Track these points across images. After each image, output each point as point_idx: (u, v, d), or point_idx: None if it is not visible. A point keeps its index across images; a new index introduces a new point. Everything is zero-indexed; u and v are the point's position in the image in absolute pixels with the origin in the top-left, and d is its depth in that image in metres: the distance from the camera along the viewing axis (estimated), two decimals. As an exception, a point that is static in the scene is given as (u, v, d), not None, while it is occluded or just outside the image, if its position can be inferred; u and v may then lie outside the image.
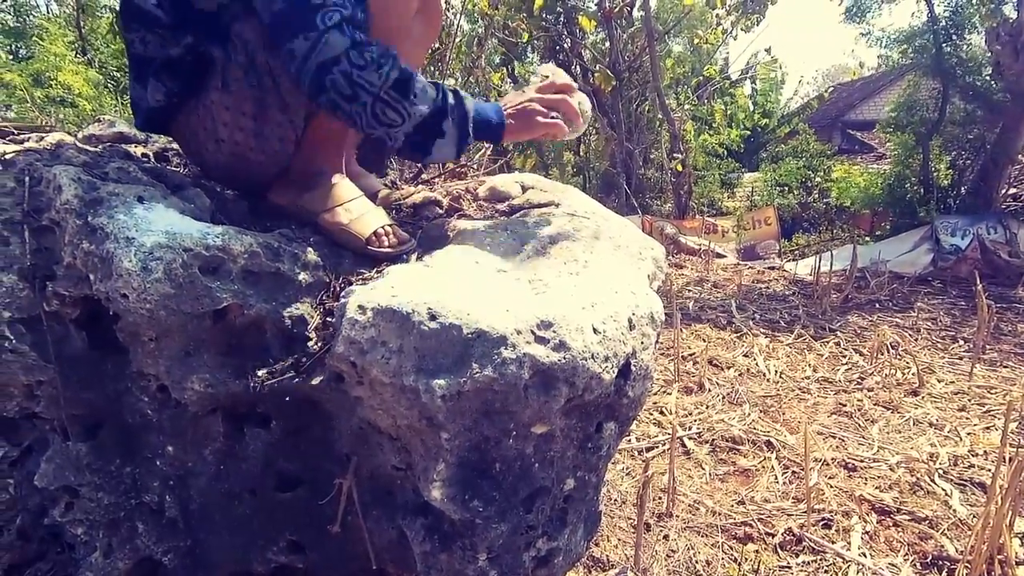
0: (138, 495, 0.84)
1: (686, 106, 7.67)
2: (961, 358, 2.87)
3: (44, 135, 0.90)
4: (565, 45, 7.50)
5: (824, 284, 4.01)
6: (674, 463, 1.78)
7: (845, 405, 2.40)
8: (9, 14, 8.09)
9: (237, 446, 0.85)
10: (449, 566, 0.75)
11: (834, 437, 2.20)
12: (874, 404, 2.39)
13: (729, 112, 10.56)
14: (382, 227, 0.94)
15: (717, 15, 6.96)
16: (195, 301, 0.76)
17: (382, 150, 1.34)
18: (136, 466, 0.83)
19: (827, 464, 1.93)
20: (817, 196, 8.92)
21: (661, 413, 2.51)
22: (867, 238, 6.46)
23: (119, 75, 6.49)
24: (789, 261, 6.01)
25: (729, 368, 2.84)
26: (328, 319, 0.87)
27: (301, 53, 0.80)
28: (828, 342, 3.13)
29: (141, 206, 0.79)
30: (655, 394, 2.71)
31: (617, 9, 6.34)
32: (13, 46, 6.55)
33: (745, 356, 2.98)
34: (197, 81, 0.86)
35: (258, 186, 0.96)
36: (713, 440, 2.25)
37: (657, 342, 0.81)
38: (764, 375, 2.75)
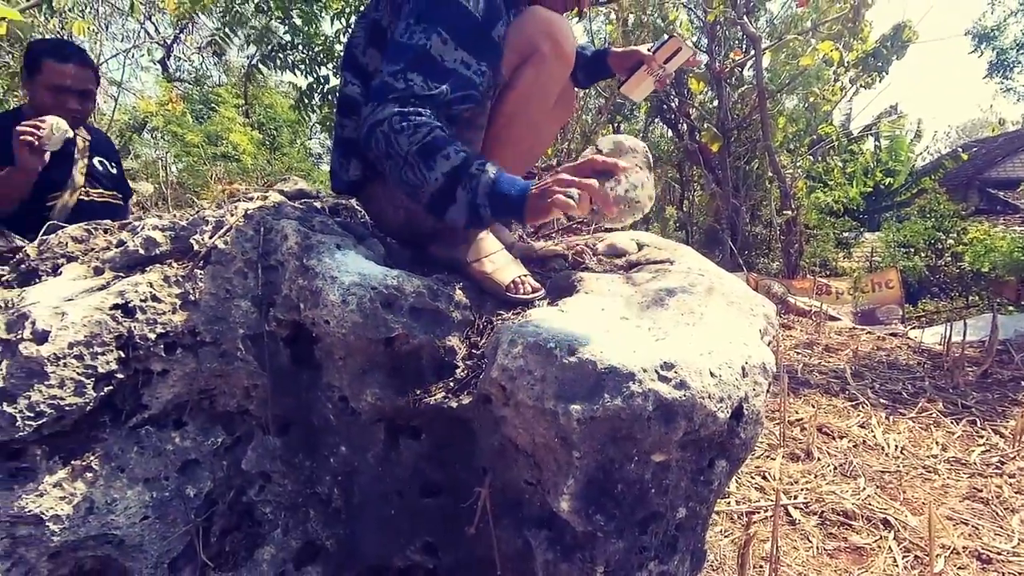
0: (313, 486, 1.02)
1: (799, 163, 7.46)
2: (1126, 447, 2.52)
3: (267, 195, 1.16)
4: (672, 104, 7.65)
5: (957, 356, 3.67)
6: (778, 531, 1.74)
7: (980, 490, 2.19)
8: (191, 84, 9.68)
9: (393, 453, 1.02)
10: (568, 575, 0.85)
11: (966, 524, 2.02)
12: (1015, 492, 2.17)
13: (849, 170, 10.07)
14: (519, 277, 1.10)
15: (835, 72, 6.81)
16: (375, 329, 0.95)
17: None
18: (314, 461, 1.02)
19: (956, 553, 1.78)
20: (950, 259, 8.17)
21: (764, 478, 2.42)
22: (1011, 307, 5.81)
23: (275, 134, 7.61)
24: (914, 328, 5.53)
25: (842, 438, 2.69)
26: (473, 351, 1.03)
27: (364, 115, 0.98)
28: (961, 419, 2.87)
29: (340, 252, 1.01)
30: (758, 457, 2.62)
31: (728, 70, 6.42)
32: (193, 110, 7.83)
33: (861, 427, 2.81)
34: None
35: (421, 240, 1.17)
36: (822, 512, 2.14)
37: (768, 392, 0.88)
38: (882, 449, 2.58)
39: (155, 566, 0.90)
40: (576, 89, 1.46)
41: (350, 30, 3.80)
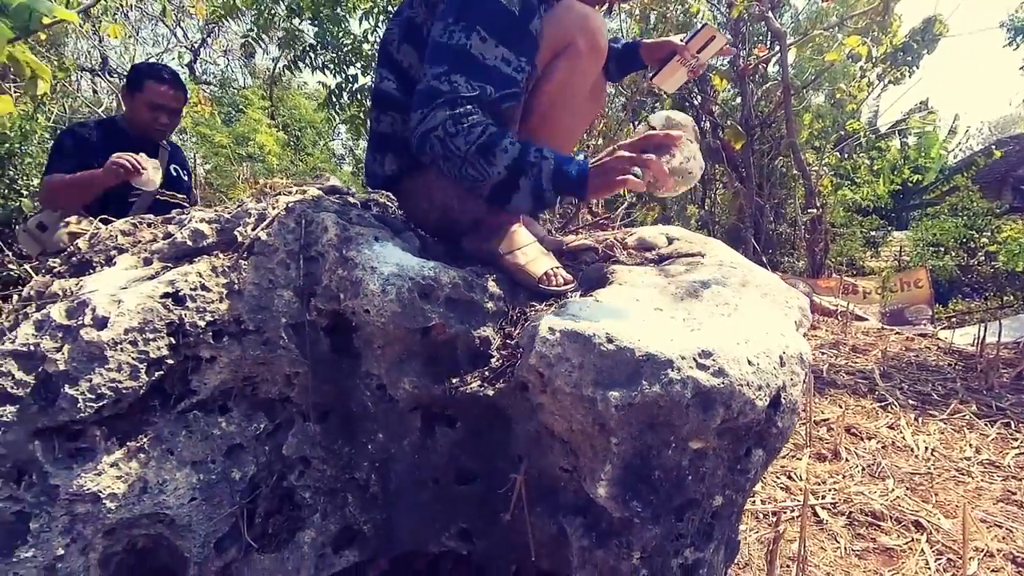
0: (351, 472, 1.05)
1: (825, 160, 7.35)
2: None
3: (306, 188, 1.19)
4: (695, 102, 7.59)
5: (991, 357, 3.59)
6: (806, 530, 1.73)
7: (1015, 493, 2.14)
8: (216, 87, 9.88)
9: (429, 440, 1.04)
10: (604, 562, 0.86)
11: (1000, 527, 1.97)
12: (1053, 496, 2.12)
13: (877, 167, 9.86)
14: (551, 269, 1.12)
15: (861, 67, 6.69)
16: (413, 319, 0.97)
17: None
18: (352, 447, 1.05)
19: (990, 555, 1.75)
20: (983, 259, 7.96)
21: (789, 478, 2.40)
22: (1047, 309, 5.64)
23: (299, 135, 7.75)
24: (944, 328, 5.40)
25: (870, 439, 2.65)
26: (507, 341, 1.04)
27: (414, 122, 1.02)
28: (995, 422, 2.80)
29: (378, 244, 1.03)
30: (783, 457, 2.59)
31: (752, 66, 6.34)
32: (220, 112, 8.00)
33: (890, 428, 2.76)
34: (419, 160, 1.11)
35: (455, 234, 1.19)
36: (850, 513, 2.12)
37: (804, 383, 0.88)
38: (912, 450, 2.53)
39: (203, 545, 0.94)
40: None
41: (380, 28, 3.86)
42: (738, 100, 7.46)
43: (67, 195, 2.01)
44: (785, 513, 1.98)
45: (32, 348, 0.82)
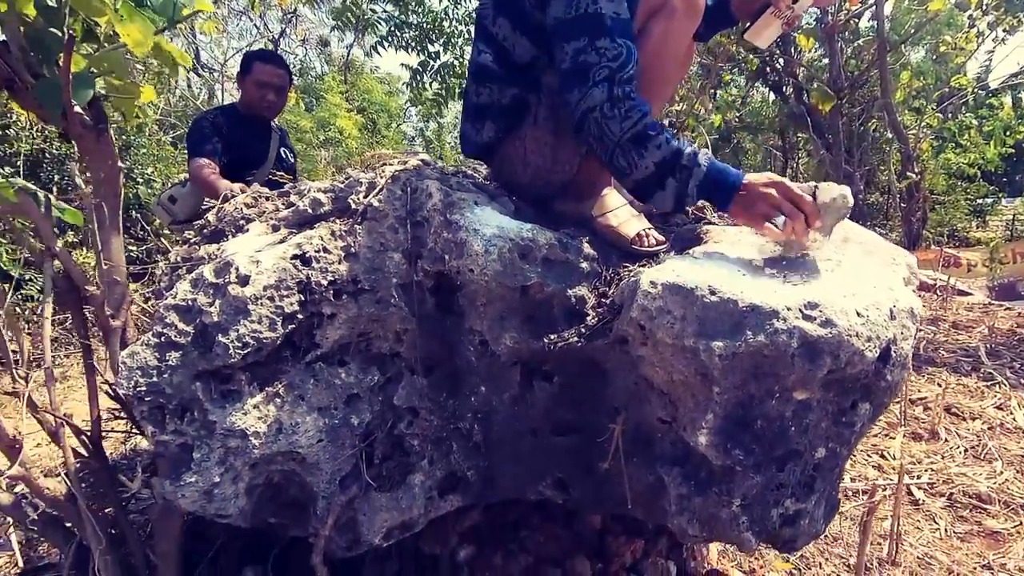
0: (455, 422, 1.13)
1: (924, 122, 6.75)
2: None
3: (407, 159, 1.27)
4: (777, 65, 7.16)
5: (1122, 333, 3.24)
6: (900, 508, 1.67)
7: None
8: (298, 76, 10.34)
9: (527, 394, 1.10)
10: (703, 508, 0.89)
11: (1122, 514, 1.82)
12: None
13: (987, 128, 8.95)
14: (643, 230, 1.14)
15: (970, 16, 6.05)
16: (513, 277, 1.03)
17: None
18: (456, 399, 1.13)
19: (1110, 541, 1.63)
20: (1114, 227, 7.09)
21: (882, 456, 2.31)
22: None
23: (374, 119, 8.05)
24: (1066, 303, 4.89)
25: (974, 419, 2.49)
26: (602, 300, 1.08)
27: (573, 102, 1.03)
28: (1124, 403, 2.56)
29: (478, 208, 1.09)
30: (875, 435, 2.49)
31: (843, 22, 5.89)
32: (303, 99, 8.41)
33: (998, 408, 2.58)
34: (516, 121, 1.15)
35: (547, 197, 1.23)
36: (950, 494, 2.02)
37: (915, 338, 0.86)
38: (1023, 432, 2.36)
39: (329, 482, 1.05)
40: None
41: (461, 5, 3.91)
42: (825, 60, 6.96)
43: (204, 189, 2.26)
44: (878, 492, 1.92)
45: (190, 302, 0.95)
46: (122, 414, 1.33)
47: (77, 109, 0.91)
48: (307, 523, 1.08)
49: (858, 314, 0.78)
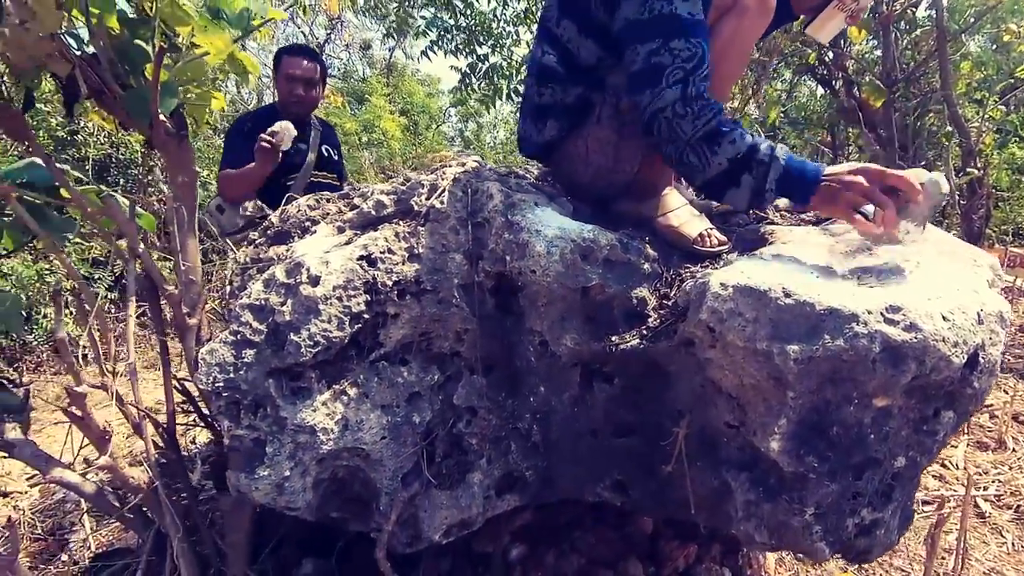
0: (514, 422, 1.14)
1: (987, 115, 6.40)
2: None
3: (464, 160, 1.28)
4: (826, 58, 6.91)
5: None
6: (966, 521, 1.60)
7: None
8: (340, 79, 10.57)
9: (587, 395, 1.10)
10: (772, 516, 0.87)
11: None
12: None
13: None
14: (705, 230, 1.12)
15: (1037, 3, 5.70)
16: (575, 278, 1.03)
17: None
18: (515, 399, 1.13)
19: None
20: None
21: (944, 466, 2.21)
22: None
23: (416, 120, 8.17)
24: None
25: (1044, 429, 2.36)
26: (664, 302, 1.07)
27: (644, 103, 1.02)
28: None
29: (539, 208, 1.09)
30: (938, 444, 2.38)
31: (897, 12, 5.65)
32: (348, 103, 8.61)
33: (1068, 418, 2.43)
34: (579, 120, 1.15)
35: (607, 198, 1.23)
36: (1018, 507, 1.92)
37: (1003, 343, 0.82)
38: (1100, 444, 2.22)
39: (391, 479, 1.07)
40: None
41: (510, 6, 3.91)
42: (877, 53, 6.67)
43: (234, 188, 2.22)
44: (936, 504, 1.84)
45: (263, 302, 0.98)
46: (188, 408, 1.38)
47: (161, 117, 0.95)
48: (369, 519, 1.10)
49: (944, 318, 0.75)
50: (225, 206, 2.28)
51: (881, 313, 0.75)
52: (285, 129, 2.12)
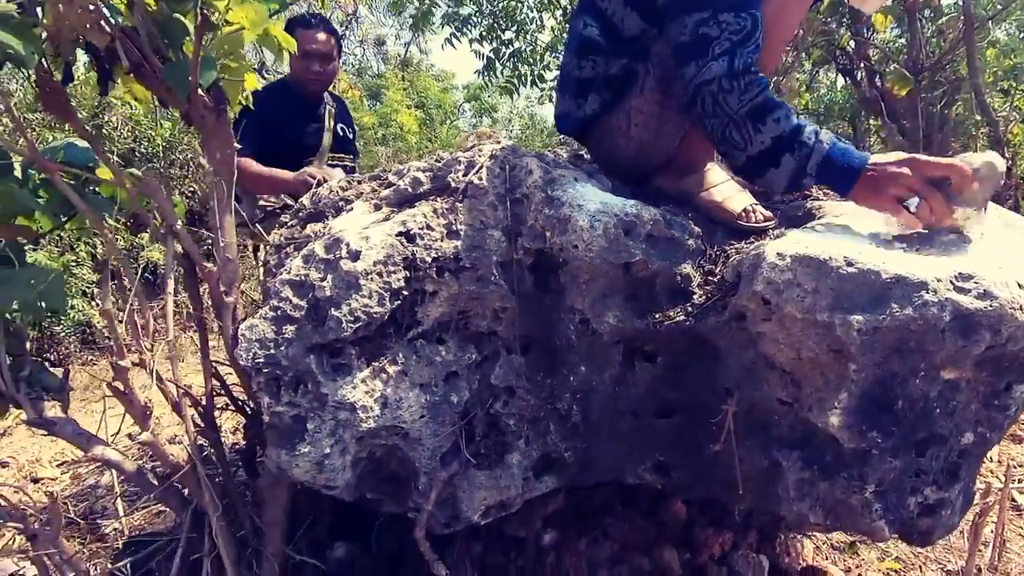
0: (553, 402, 1.12)
1: (1015, 104, 6.24)
2: None
3: (500, 139, 1.26)
4: (848, 47, 6.78)
5: None
6: (1004, 514, 1.55)
7: None
8: (355, 75, 10.60)
9: (629, 374, 1.08)
10: (829, 494, 0.85)
11: None
12: None
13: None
14: (750, 205, 1.09)
15: (1069, -12, 5.54)
16: (618, 254, 1.00)
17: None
18: (554, 379, 1.11)
19: None
20: None
21: (979, 458, 2.15)
22: None
23: (432, 114, 8.18)
24: None
25: (1084, 419, 2.29)
26: (708, 278, 1.04)
27: (690, 75, 0.99)
28: None
29: (579, 184, 1.07)
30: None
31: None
32: (364, 98, 8.63)
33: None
34: (622, 93, 1.12)
35: (647, 174, 1.20)
36: (1054, 500, 1.86)
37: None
38: None
39: (430, 458, 1.06)
40: None
41: None
42: (901, 41, 6.53)
43: (257, 186, 2.14)
44: (991, 493, 1.79)
45: (303, 277, 0.97)
46: (219, 392, 1.38)
47: (200, 92, 0.94)
48: (405, 499, 1.09)
49: (1020, 285, 0.71)
50: (242, 196, 2.18)
51: (951, 281, 0.72)
52: (333, 178, 2.10)
